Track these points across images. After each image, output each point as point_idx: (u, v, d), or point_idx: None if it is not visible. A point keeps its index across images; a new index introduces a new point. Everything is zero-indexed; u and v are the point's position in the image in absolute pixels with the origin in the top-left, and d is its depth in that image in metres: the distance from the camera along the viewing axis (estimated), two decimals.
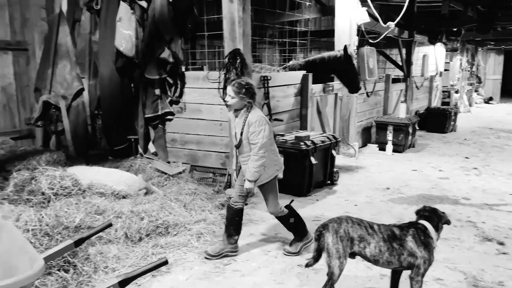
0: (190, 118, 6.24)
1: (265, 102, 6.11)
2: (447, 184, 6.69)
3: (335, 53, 7.24)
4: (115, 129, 6.38)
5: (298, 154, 5.75)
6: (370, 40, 8.58)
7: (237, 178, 4.24)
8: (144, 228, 4.21)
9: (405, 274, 3.14)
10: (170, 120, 6.38)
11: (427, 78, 14.01)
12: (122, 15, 5.83)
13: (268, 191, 3.98)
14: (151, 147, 6.41)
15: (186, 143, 6.36)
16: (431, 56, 14.35)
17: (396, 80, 11.58)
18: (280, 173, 4.06)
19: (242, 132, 3.81)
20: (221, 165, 6.05)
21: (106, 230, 3.75)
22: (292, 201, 4.23)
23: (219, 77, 5.65)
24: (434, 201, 5.76)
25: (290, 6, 11.08)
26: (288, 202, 4.17)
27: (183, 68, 6.27)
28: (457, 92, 16.33)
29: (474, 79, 19.91)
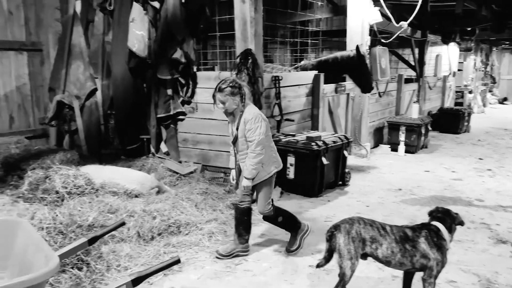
0: (201, 118, 6.26)
1: (277, 102, 6.11)
2: (460, 185, 6.61)
3: (348, 52, 7.21)
4: (127, 128, 6.45)
5: (309, 155, 5.73)
6: (382, 40, 8.52)
7: (236, 177, 4.15)
8: (156, 227, 4.24)
9: (417, 275, 3.11)
10: (182, 120, 6.42)
11: (440, 78, 13.87)
12: (135, 16, 5.89)
13: (262, 189, 3.90)
14: (163, 147, 6.46)
15: (197, 143, 6.39)
16: (444, 56, 14.19)
17: (408, 80, 11.48)
18: (278, 169, 3.98)
19: (238, 127, 3.78)
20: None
21: (119, 229, 3.77)
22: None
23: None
24: (447, 203, 5.69)
25: (302, 6, 11.06)
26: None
27: (195, 69, 6.31)
28: (470, 92, 16.12)
29: (488, 79, 19.64)
